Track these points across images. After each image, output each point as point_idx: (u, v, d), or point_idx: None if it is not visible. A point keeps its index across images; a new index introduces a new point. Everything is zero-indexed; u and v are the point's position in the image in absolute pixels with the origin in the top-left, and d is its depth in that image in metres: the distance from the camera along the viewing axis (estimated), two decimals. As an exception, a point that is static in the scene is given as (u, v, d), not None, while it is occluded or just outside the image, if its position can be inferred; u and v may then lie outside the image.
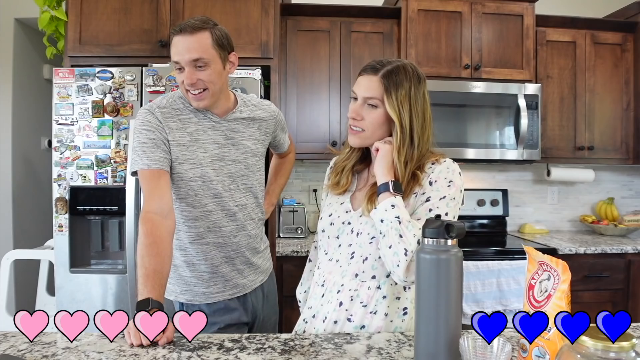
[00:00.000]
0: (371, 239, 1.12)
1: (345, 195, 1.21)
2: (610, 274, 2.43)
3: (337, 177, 1.22)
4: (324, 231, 1.21)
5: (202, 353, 0.96)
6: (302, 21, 2.57)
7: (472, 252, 2.32)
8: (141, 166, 1.28)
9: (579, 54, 2.73)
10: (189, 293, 1.41)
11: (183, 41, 1.28)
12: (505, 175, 3.07)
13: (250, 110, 1.48)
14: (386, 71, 1.09)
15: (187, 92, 1.33)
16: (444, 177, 1.10)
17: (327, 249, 1.21)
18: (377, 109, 1.11)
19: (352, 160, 1.21)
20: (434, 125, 1.18)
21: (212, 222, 1.38)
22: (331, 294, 1.15)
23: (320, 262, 1.23)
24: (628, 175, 3.16)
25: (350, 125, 1.15)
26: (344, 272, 1.15)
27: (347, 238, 1.16)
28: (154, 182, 1.27)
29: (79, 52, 2.23)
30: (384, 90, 1.08)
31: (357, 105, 1.13)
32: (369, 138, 1.14)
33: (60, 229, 2.08)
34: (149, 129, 1.31)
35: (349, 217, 1.17)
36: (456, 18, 2.60)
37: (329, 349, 0.99)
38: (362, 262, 1.13)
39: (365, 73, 1.12)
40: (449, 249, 0.86)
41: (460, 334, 0.85)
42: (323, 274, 1.20)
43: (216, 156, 1.38)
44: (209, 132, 1.38)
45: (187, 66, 1.29)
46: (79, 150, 2.06)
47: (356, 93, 1.13)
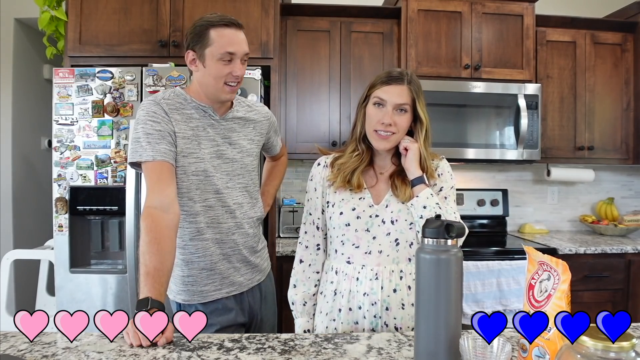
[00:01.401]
0: (410, 225, 1.23)
1: (361, 192, 1.27)
2: (610, 274, 2.43)
3: (346, 177, 1.27)
4: (348, 225, 1.25)
5: (202, 353, 0.96)
6: (302, 21, 2.57)
7: (472, 252, 2.32)
8: (146, 158, 1.26)
9: (579, 54, 2.73)
10: (186, 293, 1.41)
11: (237, 34, 1.33)
12: (505, 175, 3.07)
13: (245, 110, 1.50)
14: (410, 79, 1.24)
15: (226, 85, 1.34)
16: (447, 170, 1.32)
17: (356, 242, 1.25)
18: (407, 114, 1.24)
19: (364, 164, 1.29)
20: (433, 126, 1.31)
21: (211, 218, 1.38)
22: (392, 282, 1.21)
23: (351, 257, 1.25)
24: (628, 175, 3.16)
25: (379, 131, 1.23)
26: (396, 258, 1.23)
27: (381, 229, 1.23)
28: (157, 175, 1.25)
29: (79, 52, 2.23)
30: (415, 96, 1.23)
31: (389, 112, 1.22)
32: (397, 139, 1.25)
33: (60, 229, 2.08)
34: (154, 119, 1.30)
35: (374, 210, 1.25)
36: (456, 18, 2.60)
37: (329, 349, 0.99)
38: (410, 247, 1.24)
39: (393, 82, 1.23)
40: (449, 249, 0.87)
41: (460, 334, 0.85)
42: (369, 267, 1.22)
43: (214, 153, 1.38)
44: (208, 129, 1.39)
45: (239, 58, 1.33)
46: (79, 150, 2.06)
47: (386, 100, 1.22)
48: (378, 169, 1.32)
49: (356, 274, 1.23)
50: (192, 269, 1.40)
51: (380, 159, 1.32)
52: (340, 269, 1.26)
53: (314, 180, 1.35)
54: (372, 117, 1.24)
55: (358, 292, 1.22)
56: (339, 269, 1.27)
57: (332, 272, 1.29)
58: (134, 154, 1.29)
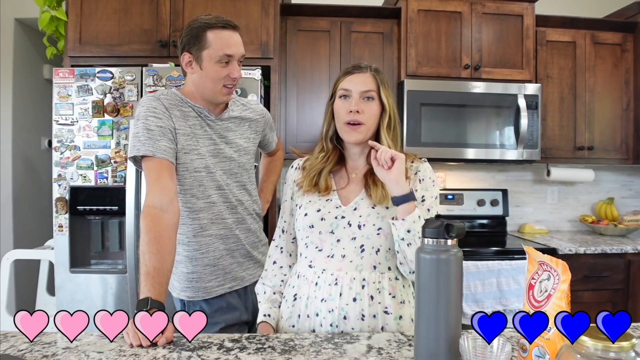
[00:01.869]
0: (378, 230, 1.15)
1: (329, 194, 1.21)
2: (610, 274, 2.43)
3: (313, 179, 1.21)
4: (312, 227, 1.18)
5: (202, 353, 0.96)
6: (302, 21, 2.57)
7: (472, 252, 2.32)
8: (145, 152, 1.25)
9: (579, 54, 2.73)
10: (190, 290, 1.42)
11: (234, 36, 1.33)
12: (505, 175, 3.07)
13: (241, 109, 1.50)
14: (374, 68, 1.20)
15: (224, 87, 1.34)
16: (429, 176, 1.21)
17: (320, 245, 1.18)
18: (374, 101, 1.18)
19: (331, 164, 1.23)
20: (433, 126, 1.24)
21: (215, 214, 1.39)
22: (352, 290, 1.13)
23: (313, 260, 1.18)
24: (628, 175, 3.16)
25: (348, 122, 1.16)
26: (359, 266, 1.15)
27: (346, 232, 1.16)
28: (156, 173, 1.25)
29: (79, 52, 2.24)
30: (380, 82, 1.18)
31: (355, 100, 1.16)
32: (368, 131, 1.18)
33: (60, 229, 2.08)
34: (155, 115, 1.29)
35: (341, 212, 1.18)
36: (456, 18, 2.60)
37: (329, 348, 0.99)
38: (376, 254, 1.15)
39: (357, 72, 1.19)
40: (449, 249, 0.86)
41: (461, 334, 0.85)
42: (329, 271, 1.15)
43: (212, 152, 1.39)
44: (205, 128, 1.39)
45: (236, 60, 1.33)
46: (79, 150, 2.06)
47: (350, 90, 1.17)
48: (351, 170, 1.24)
49: (316, 278, 1.16)
50: (196, 265, 1.40)
51: (353, 159, 1.24)
52: (302, 272, 1.21)
53: (287, 183, 1.31)
54: (340, 110, 1.18)
55: (316, 297, 1.15)
56: (300, 272, 1.21)
57: (294, 276, 1.24)
58: (132, 148, 1.28)
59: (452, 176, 3.00)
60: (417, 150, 2.55)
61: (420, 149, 2.47)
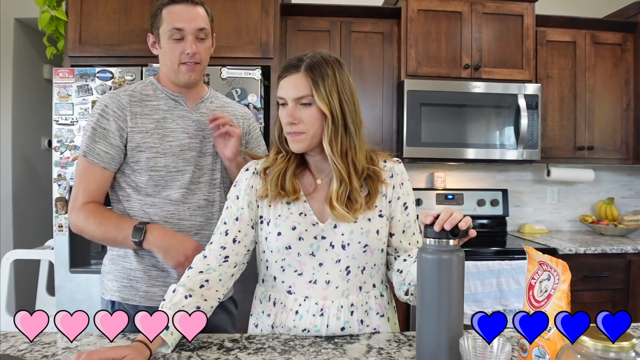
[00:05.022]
0: (364, 248, 1.07)
1: (298, 203, 1.08)
2: (610, 274, 2.43)
3: (278, 181, 1.08)
4: (289, 248, 1.06)
5: (202, 353, 0.96)
6: (302, 21, 2.57)
7: (472, 252, 2.32)
8: (79, 152, 1.29)
9: (579, 54, 2.73)
10: (128, 290, 1.31)
11: (187, 10, 1.26)
12: (505, 175, 3.07)
13: (221, 103, 1.43)
14: (307, 65, 1.03)
15: (181, 65, 1.27)
16: (407, 179, 1.16)
17: (299, 268, 1.07)
18: (312, 106, 1.03)
19: (294, 164, 1.10)
20: (433, 126, 1.17)
21: (170, 213, 1.30)
22: (340, 320, 1.05)
23: (293, 286, 1.08)
24: (628, 175, 3.16)
25: (288, 132, 1.05)
26: (346, 290, 1.07)
27: (329, 254, 1.06)
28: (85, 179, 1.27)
29: (79, 52, 2.23)
30: (312, 83, 1.02)
31: (290, 109, 1.04)
32: (312, 138, 1.05)
33: (60, 229, 2.08)
34: (103, 115, 1.26)
35: (319, 230, 1.07)
36: (456, 18, 2.60)
37: (329, 349, 0.99)
38: (362, 273, 1.09)
39: (287, 74, 1.05)
40: (451, 249, 0.87)
41: (462, 334, 0.85)
42: (312, 300, 1.06)
43: (186, 146, 1.31)
44: (178, 121, 1.32)
45: (190, 34, 1.26)
46: (79, 150, 2.06)
47: (284, 97, 1.04)
48: (316, 173, 1.12)
49: (296, 306, 1.06)
50: (141, 263, 1.30)
51: (316, 161, 1.12)
52: (280, 299, 1.09)
53: (238, 186, 1.13)
54: (281, 119, 1.06)
55: (296, 327, 1.06)
56: (277, 299, 1.09)
57: (269, 302, 1.11)
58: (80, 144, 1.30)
59: (452, 176, 3.00)
60: (417, 151, 2.58)
61: (420, 149, 2.47)
